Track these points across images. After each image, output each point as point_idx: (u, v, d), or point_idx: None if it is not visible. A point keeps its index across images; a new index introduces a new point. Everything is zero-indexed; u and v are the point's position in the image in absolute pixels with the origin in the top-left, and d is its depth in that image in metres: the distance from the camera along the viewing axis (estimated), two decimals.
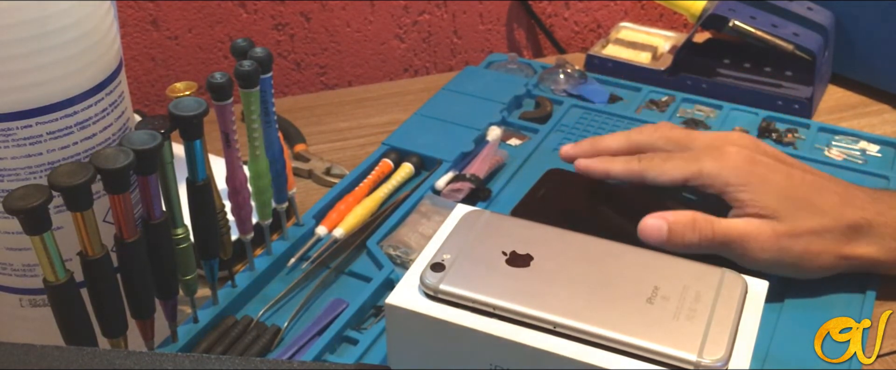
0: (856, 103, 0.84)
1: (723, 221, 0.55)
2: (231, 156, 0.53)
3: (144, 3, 0.86)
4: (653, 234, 0.55)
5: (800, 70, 0.83)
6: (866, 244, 0.56)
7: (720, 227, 0.55)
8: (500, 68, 0.87)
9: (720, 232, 0.55)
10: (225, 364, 0.43)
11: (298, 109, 0.83)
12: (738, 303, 0.44)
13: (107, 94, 0.47)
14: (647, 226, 0.56)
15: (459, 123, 0.76)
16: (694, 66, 0.86)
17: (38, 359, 0.41)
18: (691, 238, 0.55)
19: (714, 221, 0.55)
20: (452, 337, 0.44)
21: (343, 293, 0.59)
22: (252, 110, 0.53)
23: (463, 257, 0.46)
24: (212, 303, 0.56)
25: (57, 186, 0.41)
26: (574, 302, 0.43)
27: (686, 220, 0.55)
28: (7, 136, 0.44)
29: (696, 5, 0.85)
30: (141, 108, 0.91)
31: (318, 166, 0.74)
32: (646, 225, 0.56)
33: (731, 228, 0.55)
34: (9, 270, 0.49)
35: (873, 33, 0.84)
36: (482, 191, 0.67)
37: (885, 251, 0.56)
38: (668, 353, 0.41)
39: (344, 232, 0.63)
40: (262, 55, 0.53)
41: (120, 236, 0.46)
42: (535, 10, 1.02)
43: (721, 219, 0.55)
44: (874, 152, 0.74)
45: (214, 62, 0.92)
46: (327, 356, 0.54)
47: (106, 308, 0.46)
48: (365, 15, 0.95)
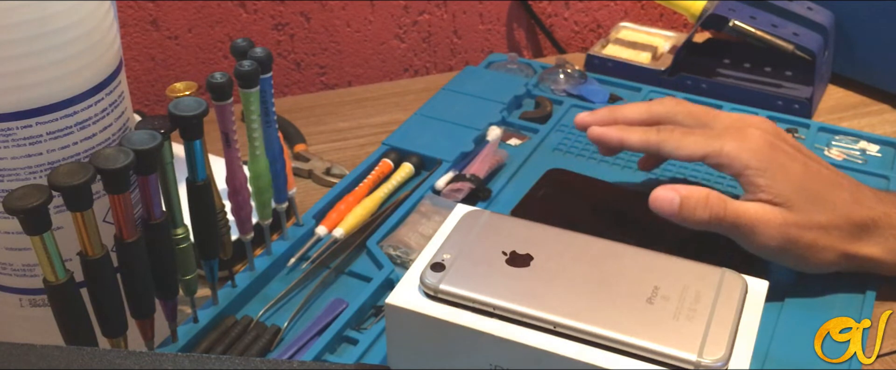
0: (856, 103, 0.84)
1: (736, 203, 0.55)
2: (231, 156, 0.53)
3: (144, 3, 0.86)
4: (664, 206, 0.55)
5: (800, 70, 0.83)
6: (871, 244, 0.56)
7: (732, 208, 0.54)
8: (500, 68, 0.87)
9: (732, 212, 0.54)
10: (225, 364, 0.43)
11: (298, 109, 0.83)
12: (738, 303, 0.44)
13: (107, 94, 0.47)
14: (659, 197, 0.55)
15: (459, 123, 0.76)
16: (694, 66, 0.86)
17: (38, 359, 0.41)
18: (702, 214, 0.54)
19: (727, 201, 0.55)
20: (452, 337, 0.44)
21: (343, 293, 0.59)
22: (252, 110, 0.53)
23: (463, 257, 0.46)
24: (212, 303, 0.56)
25: (57, 186, 0.41)
26: (574, 302, 0.43)
27: (699, 196, 0.54)
28: (7, 136, 0.44)
29: (696, 5, 0.85)
30: (141, 108, 0.91)
31: (318, 166, 0.74)
32: (658, 196, 0.55)
33: (743, 211, 0.54)
34: (9, 270, 0.49)
35: (873, 33, 0.84)
36: (482, 191, 0.67)
37: (889, 252, 0.56)
38: (668, 353, 0.41)
39: (344, 232, 0.63)
40: (262, 55, 0.53)
41: (120, 236, 0.46)
42: (535, 10, 1.02)
43: (734, 201, 0.55)
44: (874, 152, 0.74)
45: (214, 62, 0.92)
46: (327, 356, 0.54)
47: (106, 308, 0.46)
48: (365, 15, 0.95)
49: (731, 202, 0.55)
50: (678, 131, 0.58)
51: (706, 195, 0.55)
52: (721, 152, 0.56)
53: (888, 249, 0.56)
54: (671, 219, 0.55)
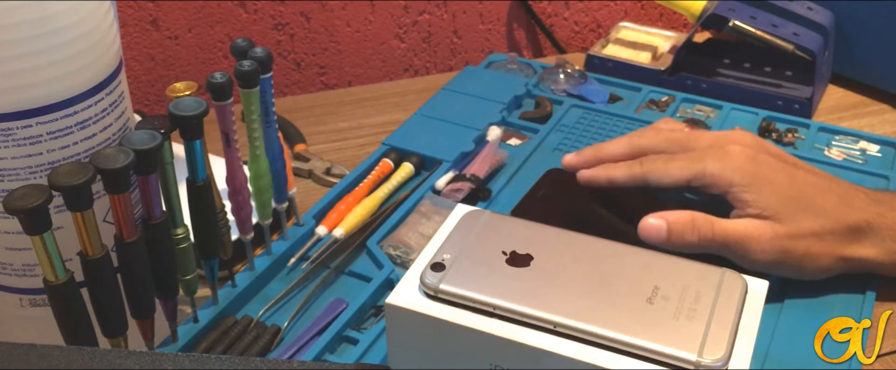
0: (856, 103, 0.84)
1: (723, 222, 0.55)
2: (231, 156, 0.53)
3: (144, 3, 0.86)
4: (653, 234, 0.55)
5: (800, 70, 0.83)
6: (866, 246, 0.56)
7: (720, 228, 0.55)
8: (500, 68, 0.87)
9: (720, 232, 0.55)
10: (225, 364, 0.43)
11: (298, 109, 0.83)
12: (738, 303, 0.44)
13: (107, 94, 0.47)
14: (647, 225, 0.56)
15: (459, 123, 0.76)
16: (694, 66, 0.86)
17: (38, 359, 0.41)
18: (691, 238, 0.55)
19: (714, 221, 0.55)
20: (452, 337, 0.44)
21: (343, 293, 0.59)
22: (252, 110, 0.53)
23: (463, 257, 0.46)
24: (212, 303, 0.56)
25: (57, 186, 0.41)
26: (574, 302, 0.43)
27: (685, 220, 0.55)
28: (7, 136, 0.44)
29: (696, 5, 0.85)
30: (141, 108, 0.91)
31: (318, 166, 0.74)
32: (646, 224, 0.56)
33: (731, 229, 0.55)
34: (9, 270, 0.49)
35: (873, 33, 0.84)
36: (482, 192, 0.67)
37: (886, 253, 0.56)
38: (668, 353, 0.41)
39: (344, 232, 0.63)
40: (262, 55, 0.53)
41: (120, 236, 0.46)
42: (535, 10, 1.02)
43: (721, 220, 0.55)
44: (874, 152, 0.74)
45: (214, 62, 0.92)
46: (327, 356, 0.54)
47: (106, 308, 0.46)
48: (365, 15, 0.95)
49: (718, 221, 0.55)
50: (661, 160, 0.59)
51: (691, 218, 0.55)
52: (704, 173, 0.56)
53: (885, 250, 0.56)
54: (662, 246, 0.55)
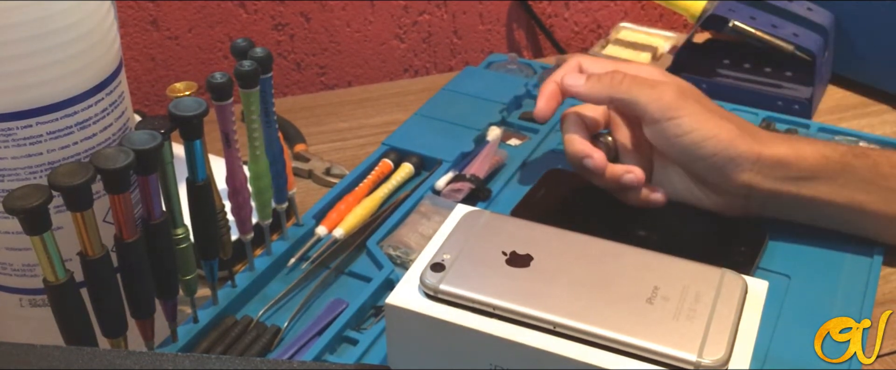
0: (856, 103, 0.84)
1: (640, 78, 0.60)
2: (231, 156, 0.53)
3: (144, 3, 0.86)
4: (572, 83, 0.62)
5: (800, 70, 0.83)
6: (777, 143, 0.57)
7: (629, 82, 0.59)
8: (499, 68, 0.87)
9: (627, 87, 0.59)
10: (225, 364, 0.43)
11: (298, 109, 0.84)
12: (738, 304, 0.44)
13: (107, 94, 0.47)
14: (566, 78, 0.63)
15: (459, 123, 0.76)
16: (694, 67, 0.86)
17: (38, 359, 0.41)
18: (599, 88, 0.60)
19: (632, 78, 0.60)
20: (452, 337, 0.44)
21: (343, 293, 0.59)
22: (252, 110, 0.53)
23: (463, 257, 0.46)
24: (212, 303, 0.56)
25: (57, 186, 0.41)
26: (574, 302, 0.43)
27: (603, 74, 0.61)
28: (7, 136, 0.44)
29: (696, 5, 0.85)
30: (141, 108, 0.91)
31: (318, 166, 0.74)
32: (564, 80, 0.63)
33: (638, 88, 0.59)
34: (9, 270, 0.49)
35: (873, 33, 0.84)
36: (482, 192, 0.67)
37: (794, 153, 0.57)
38: (668, 353, 0.41)
39: (344, 232, 0.63)
40: (262, 55, 0.53)
41: (120, 236, 0.46)
42: (535, 11, 1.02)
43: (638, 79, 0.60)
44: None
45: (214, 62, 0.92)
46: (327, 356, 0.54)
47: (106, 308, 0.46)
48: (365, 15, 0.95)
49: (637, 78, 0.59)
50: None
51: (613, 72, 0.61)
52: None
53: (793, 150, 0.57)
54: (578, 95, 0.62)
